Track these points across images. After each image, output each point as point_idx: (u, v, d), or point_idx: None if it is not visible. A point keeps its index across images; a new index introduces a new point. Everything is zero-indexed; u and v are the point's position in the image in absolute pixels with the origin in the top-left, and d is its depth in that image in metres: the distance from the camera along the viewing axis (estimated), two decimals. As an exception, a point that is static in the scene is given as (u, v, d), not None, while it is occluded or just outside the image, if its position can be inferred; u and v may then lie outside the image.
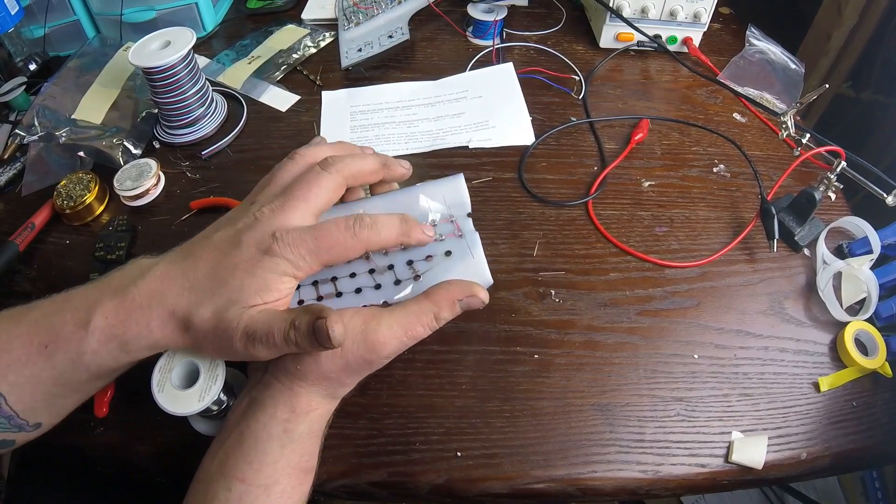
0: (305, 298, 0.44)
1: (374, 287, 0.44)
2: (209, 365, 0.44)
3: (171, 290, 0.39)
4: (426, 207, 0.46)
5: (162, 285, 0.39)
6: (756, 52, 0.80)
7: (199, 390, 0.43)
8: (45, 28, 0.82)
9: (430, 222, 0.45)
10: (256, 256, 0.38)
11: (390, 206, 0.45)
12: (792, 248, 0.61)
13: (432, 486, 0.46)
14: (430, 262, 0.45)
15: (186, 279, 0.39)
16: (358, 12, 0.86)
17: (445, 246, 0.45)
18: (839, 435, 0.49)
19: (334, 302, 0.44)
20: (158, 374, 0.43)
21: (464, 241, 0.45)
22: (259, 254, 0.38)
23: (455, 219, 0.46)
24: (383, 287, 0.44)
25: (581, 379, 0.51)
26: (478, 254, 0.45)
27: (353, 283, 0.44)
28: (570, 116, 0.75)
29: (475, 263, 0.45)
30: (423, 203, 0.46)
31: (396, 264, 0.44)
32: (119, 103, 0.73)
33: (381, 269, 0.44)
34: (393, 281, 0.44)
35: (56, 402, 0.41)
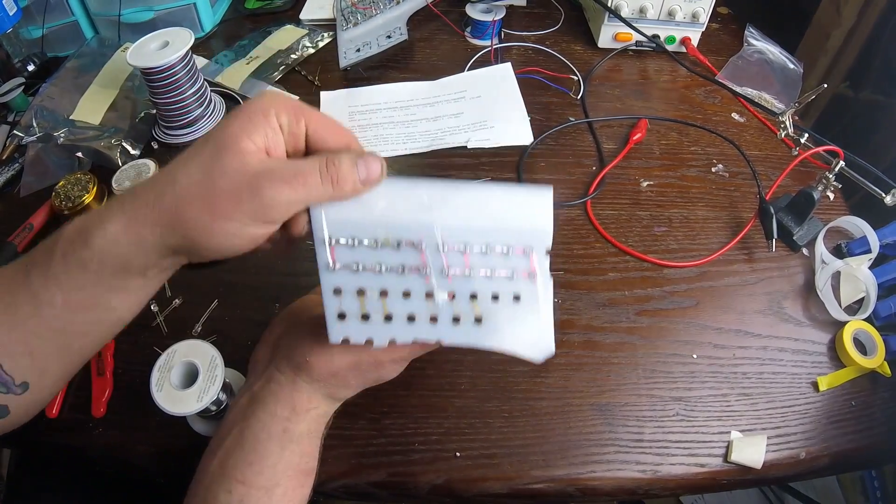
0: (348, 312, 0.38)
1: (429, 319, 0.38)
2: (208, 365, 0.44)
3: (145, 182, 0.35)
4: (502, 222, 0.38)
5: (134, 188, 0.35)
6: (754, 51, 0.80)
7: (198, 390, 0.43)
8: (44, 29, 0.82)
9: (503, 247, 0.38)
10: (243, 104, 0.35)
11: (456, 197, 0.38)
12: (790, 247, 0.61)
13: (432, 487, 0.46)
14: (496, 304, 0.38)
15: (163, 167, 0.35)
16: (356, 13, 0.86)
17: (514, 287, 0.38)
18: (838, 434, 0.49)
19: (382, 328, 0.38)
20: (157, 373, 0.43)
21: (535, 288, 0.38)
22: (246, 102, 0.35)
23: (533, 251, 0.38)
24: (440, 322, 0.38)
25: (580, 379, 0.51)
26: (547, 312, 0.38)
27: (407, 307, 0.38)
28: (568, 116, 0.75)
29: (542, 324, 0.38)
30: (497, 215, 0.38)
31: (458, 294, 0.38)
32: (117, 104, 0.73)
33: (441, 295, 0.38)
34: (451, 317, 0.38)
35: (38, 349, 0.37)
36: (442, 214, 0.38)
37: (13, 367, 0.37)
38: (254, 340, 0.53)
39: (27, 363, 0.38)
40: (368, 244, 0.38)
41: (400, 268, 0.38)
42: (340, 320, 0.38)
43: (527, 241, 0.38)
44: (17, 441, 0.53)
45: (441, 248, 0.38)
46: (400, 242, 0.38)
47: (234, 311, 0.56)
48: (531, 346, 0.39)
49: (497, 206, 0.38)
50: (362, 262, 0.38)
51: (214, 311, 0.56)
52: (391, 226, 0.37)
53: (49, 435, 0.49)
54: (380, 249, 0.38)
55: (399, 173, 0.69)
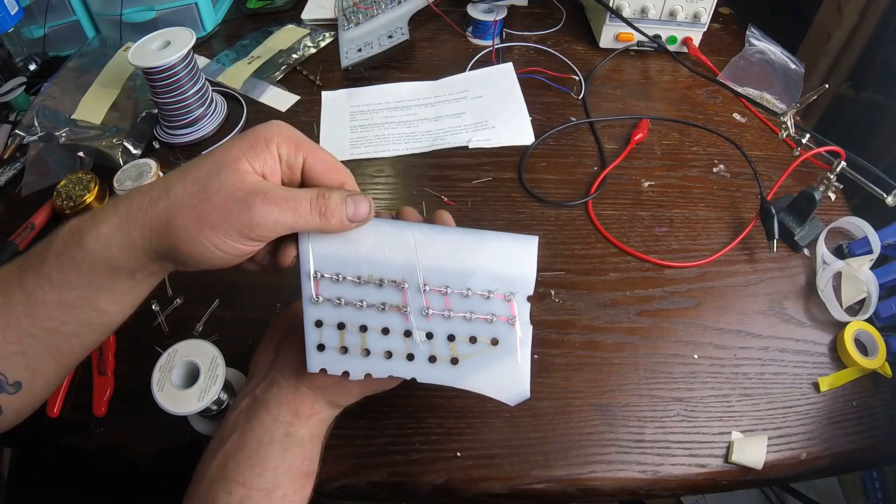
0: (327, 344, 0.39)
1: (405, 356, 0.40)
2: (209, 365, 0.44)
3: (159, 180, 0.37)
4: (485, 267, 0.40)
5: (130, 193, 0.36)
6: (756, 52, 0.80)
7: (199, 390, 0.43)
8: (45, 28, 0.82)
9: (484, 292, 0.40)
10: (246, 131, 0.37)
11: (440, 241, 0.40)
12: (792, 248, 0.61)
13: (432, 487, 0.46)
14: (473, 347, 0.40)
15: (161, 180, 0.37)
16: (358, 12, 0.86)
17: (493, 331, 0.40)
18: (839, 435, 0.49)
19: (359, 362, 0.40)
20: (158, 373, 0.43)
21: (514, 333, 0.40)
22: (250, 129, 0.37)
23: (514, 298, 0.40)
24: (416, 360, 0.40)
25: (581, 379, 0.51)
26: (524, 358, 0.40)
27: (385, 344, 0.40)
28: (569, 116, 0.75)
29: (517, 369, 0.40)
30: (481, 260, 0.40)
31: (436, 334, 0.40)
32: (119, 103, 0.73)
33: (418, 332, 0.40)
34: (428, 356, 0.40)
35: (31, 349, 0.37)
36: (426, 255, 0.39)
37: (6, 367, 0.38)
38: (255, 340, 0.54)
39: (21, 363, 0.38)
40: (352, 280, 0.39)
41: (381, 305, 0.39)
42: (319, 351, 0.39)
43: (509, 288, 0.40)
44: (17, 440, 0.53)
45: (422, 289, 0.39)
46: (383, 281, 0.39)
47: (236, 311, 0.56)
48: (506, 390, 0.40)
49: (482, 252, 0.40)
50: (345, 297, 0.39)
51: (215, 311, 0.56)
52: (376, 264, 0.39)
53: (50, 434, 0.49)
54: (363, 286, 0.39)
55: (400, 173, 0.69)
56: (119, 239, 0.35)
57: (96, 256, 0.35)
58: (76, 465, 0.60)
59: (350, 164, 0.70)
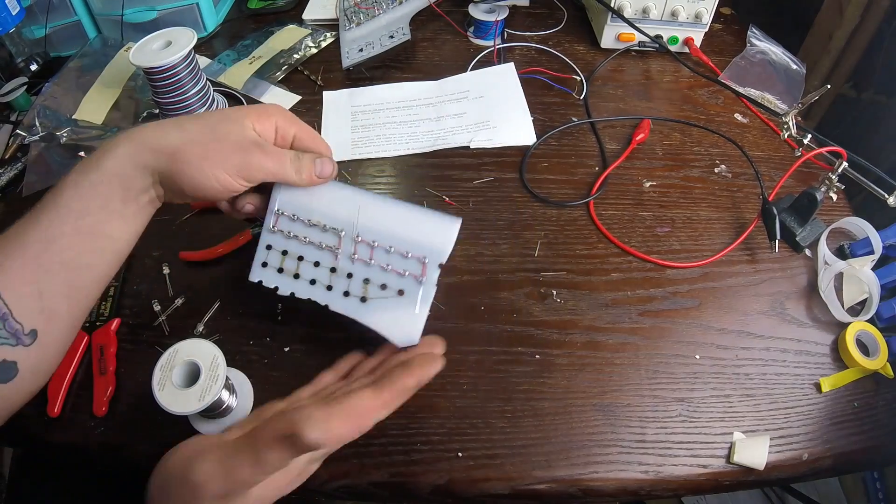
0: (269, 263, 0.50)
1: (325, 287, 0.49)
2: (210, 364, 0.44)
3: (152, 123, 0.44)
4: (410, 233, 0.48)
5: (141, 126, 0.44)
6: (757, 52, 0.80)
7: (200, 390, 0.43)
8: (47, 28, 0.82)
9: (404, 252, 0.48)
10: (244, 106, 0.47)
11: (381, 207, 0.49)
12: (793, 248, 0.61)
13: (434, 487, 0.46)
14: (382, 292, 0.48)
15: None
16: (359, 12, 0.86)
17: (402, 284, 0.48)
18: (841, 436, 0.49)
19: (289, 281, 0.49)
20: (159, 372, 0.43)
21: (418, 289, 0.47)
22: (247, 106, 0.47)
23: (427, 262, 0.48)
24: (333, 291, 0.49)
25: (582, 379, 0.51)
26: (422, 311, 0.47)
27: (313, 273, 0.49)
28: (571, 117, 0.75)
29: (414, 318, 0.47)
30: (409, 228, 0.48)
31: (355, 274, 0.49)
32: (120, 103, 0.73)
33: (342, 271, 0.49)
34: (343, 291, 0.48)
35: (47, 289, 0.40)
36: (366, 215, 0.49)
37: (22, 313, 0.39)
38: (255, 341, 0.54)
39: (36, 306, 0.40)
40: (304, 221, 0.50)
41: (319, 244, 0.49)
42: (262, 267, 0.50)
43: (425, 253, 0.48)
44: (18, 440, 0.53)
45: (355, 239, 0.49)
46: (326, 226, 0.49)
47: (237, 312, 0.56)
48: (398, 333, 0.47)
49: (413, 221, 0.49)
50: (294, 231, 0.50)
51: (216, 312, 0.56)
52: (325, 214, 0.49)
53: (51, 434, 0.49)
54: (310, 227, 0.50)
55: (402, 173, 0.69)
56: (134, 160, 0.41)
57: (113, 176, 0.41)
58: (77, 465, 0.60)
59: (352, 164, 0.70)
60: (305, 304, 0.54)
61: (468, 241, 0.61)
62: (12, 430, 0.50)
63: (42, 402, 0.49)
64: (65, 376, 0.51)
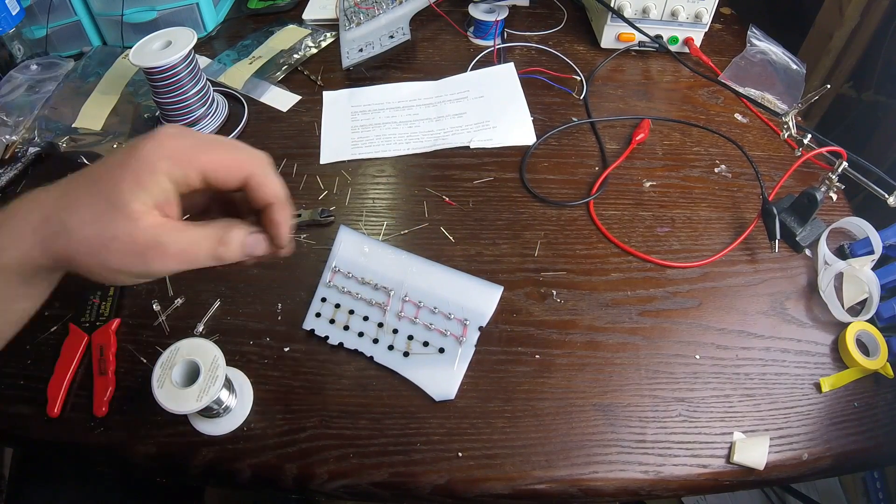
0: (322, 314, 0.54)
1: (372, 340, 0.52)
2: (210, 364, 0.44)
3: (49, 196, 0.35)
4: (455, 296, 0.54)
5: (42, 193, 0.36)
6: (757, 52, 0.80)
7: (199, 389, 0.43)
8: (47, 28, 0.82)
9: (447, 313, 0.53)
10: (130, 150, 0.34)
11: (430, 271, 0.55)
12: (793, 248, 0.61)
13: (434, 487, 0.46)
14: (425, 349, 0.52)
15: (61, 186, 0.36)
16: (359, 12, 0.86)
17: (443, 342, 0.52)
18: (841, 435, 0.49)
19: (339, 332, 0.53)
20: (159, 369, 0.44)
21: (458, 349, 0.52)
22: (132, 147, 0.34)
23: (468, 323, 0.53)
24: (379, 344, 0.52)
25: (582, 379, 0.51)
26: (459, 369, 0.51)
27: (361, 326, 0.53)
28: (571, 117, 0.75)
29: (451, 375, 0.50)
30: (454, 291, 0.55)
31: (400, 330, 0.53)
32: (118, 109, 0.74)
33: (388, 326, 0.53)
34: (388, 345, 0.52)
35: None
36: (416, 278, 0.55)
37: None
38: (255, 341, 0.54)
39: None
40: (357, 279, 0.56)
41: (370, 300, 0.54)
42: (315, 317, 0.54)
43: (468, 315, 0.53)
44: (18, 440, 0.53)
45: (403, 298, 0.54)
46: (377, 285, 0.55)
47: (237, 312, 0.56)
48: (436, 388, 0.50)
49: (459, 286, 0.55)
50: (347, 287, 0.55)
51: (216, 312, 0.56)
52: (377, 273, 0.56)
53: (51, 434, 0.49)
54: (363, 285, 0.56)
55: (402, 173, 0.69)
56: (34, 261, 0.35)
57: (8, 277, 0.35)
58: (77, 465, 0.60)
59: (352, 163, 0.70)
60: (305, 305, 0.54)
61: (468, 240, 0.61)
62: (12, 430, 0.50)
63: (42, 403, 0.49)
64: (65, 376, 0.51)
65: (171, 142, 0.35)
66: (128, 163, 0.34)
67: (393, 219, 0.63)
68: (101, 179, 0.34)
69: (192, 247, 0.35)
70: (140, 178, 0.34)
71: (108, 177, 0.34)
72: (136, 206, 0.33)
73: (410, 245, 0.61)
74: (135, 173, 0.34)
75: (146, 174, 0.34)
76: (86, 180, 0.35)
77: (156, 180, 0.34)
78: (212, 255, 0.36)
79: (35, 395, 0.50)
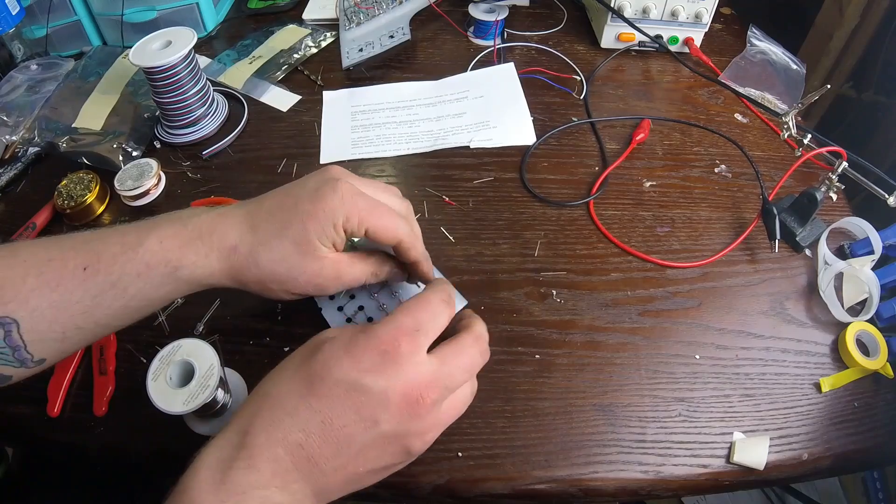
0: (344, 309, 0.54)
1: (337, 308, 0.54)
2: (205, 371, 0.44)
3: (234, 227, 0.42)
4: None
5: (225, 221, 0.42)
6: (757, 52, 0.80)
7: (188, 394, 0.43)
8: (47, 28, 0.82)
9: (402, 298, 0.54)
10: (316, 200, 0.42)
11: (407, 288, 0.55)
12: (793, 248, 0.61)
13: (434, 487, 0.46)
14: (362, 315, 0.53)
15: (251, 218, 0.43)
16: (359, 12, 0.86)
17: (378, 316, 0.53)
18: (841, 435, 0.49)
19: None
20: (157, 363, 0.44)
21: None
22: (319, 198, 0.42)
23: None
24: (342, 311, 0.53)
25: (582, 379, 0.51)
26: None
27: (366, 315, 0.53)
28: (571, 116, 0.75)
29: None
30: None
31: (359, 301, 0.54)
32: (118, 109, 0.73)
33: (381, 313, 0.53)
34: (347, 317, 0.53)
35: (72, 335, 0.40)
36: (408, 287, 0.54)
37: (37, 348, 0.39)
38: (255, 341, 0.54)
39: (56, 347, 0.40)
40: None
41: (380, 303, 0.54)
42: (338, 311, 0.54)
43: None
44: (19, 440, 0.53)
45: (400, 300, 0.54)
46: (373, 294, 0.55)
47: (237, 312, 0.56)
48: None
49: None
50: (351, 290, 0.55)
51: (216, 311, 0.56)
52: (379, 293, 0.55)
53: (51, 434, 0.49)
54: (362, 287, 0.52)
55: (402, 173, 0.69)
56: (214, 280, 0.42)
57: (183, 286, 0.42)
58: (77, 465, 0.60)
59: (351, 163, 0.70)
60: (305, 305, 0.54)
61: (468, 240, 0.61)
62: (12, 429, 0.50)
63: (42, 402, 0.49)
64: (65, 376, 0.51)
65: (350, 200, 0.42)
66: (316, 214, 0.41)
67: (393, 219, 0.63)
68: (292, 225, 0.42)
69: (358, 277, 0.45)
70: (325, 228, 0.42)
71: (299, 223, 0.42)
72: (320, 249, 0.42)
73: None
74: (321, 225, 0.42)
75: (329, 226, 0.42)
76: (274, 222, 0.42)
77: (337, 231, 0.42)
78: (367, 282, 0.46)
79: (35, 395, 0.50)
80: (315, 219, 0.41)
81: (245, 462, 0.33)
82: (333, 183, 0.42)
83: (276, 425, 0.34)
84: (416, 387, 0.36)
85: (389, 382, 0.36)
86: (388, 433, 0.36)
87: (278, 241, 0.42)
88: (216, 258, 0.41)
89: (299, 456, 0.34)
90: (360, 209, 0.42)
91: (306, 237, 0.41)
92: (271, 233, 0.42)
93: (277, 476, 0.33)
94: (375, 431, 0.36)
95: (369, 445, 0.36)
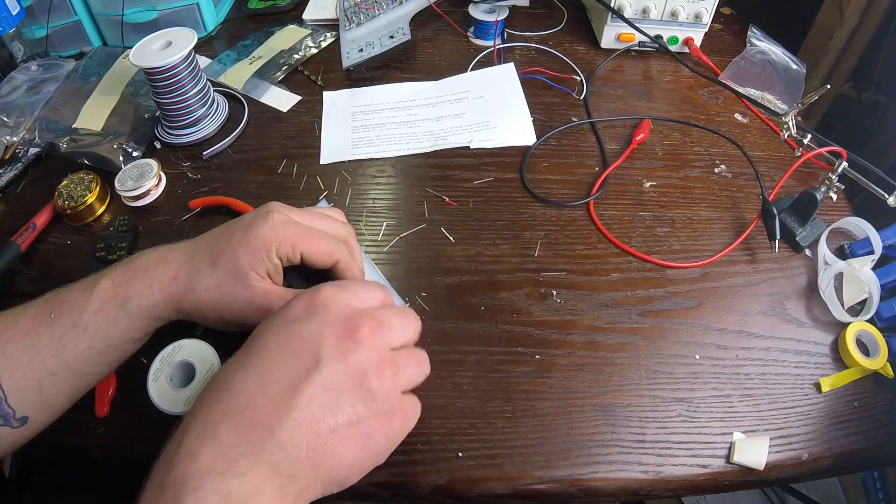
0: None
1: None
2: (205, 374, 0.44)
3: (175, 259, 0.44)
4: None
5: (168, 254, 0.44)
6: (757, 52, 0.80)
7: (188, 395, 0.43)
8: (48, 28, 0.82)
9: None
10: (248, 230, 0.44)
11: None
12: (793, 248, 0.61)
13: (434, 487, 0.46)
14: None
15: (191, 250, 0.44)
16: (359, 13, 0.86)
17: None
18: (841, 435, 0.49)
19: None
20: (158, 363, 0.44)
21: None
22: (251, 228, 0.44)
23: None
24: None
25: (582, 379, 0.51)
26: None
27: None
28: (571, 117, 0.75)
29: None
30: None
31: None
32: (118, 109, 0.73)
33: None
34: None
35: (48, 385, 0.41)
36: None
37: (18, 402, 0.40)
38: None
39: (35, 398, 0.41)
40: None
41: None
42: None
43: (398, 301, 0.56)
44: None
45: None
46: None
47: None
48: None
49: None
50: None
51: (217, 311, 0.56)
52: None
53: (52, 434, 0.49)
54: None
55: (402, 173, 0.69)
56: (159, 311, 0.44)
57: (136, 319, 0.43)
58: (78, 465, 0.60)
59: (352, 164, 0.70)
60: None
61: (468, 240, 0.61)
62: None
63: (43, 403, 0.49)
64: (65, 376, 0.51)
65: (281, 228, 0.44)
66: (248, 242, 0.43)
67: (393, 219, 0.63)
68: (224, 254, 0.43)
69: None
70: (258, 256, 0.43)
71: (231, 252, 0.43)
72: (253, 278, 0.43)
73: (410, 245, 0.61)
74: (253, 252, 0.43)
75: (261, 253, 0.43)
76: (210, 252, 0.44)
77: (269, 258, 0.43)
78: None
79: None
80: (247, 246, 0.43)
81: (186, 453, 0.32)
82: (266, 214, 0.44)
83: (214, 405, 0.34)
84: (349, 318, 0.37)
85: (321, 323, 0.36)
86: (335, 371, 0.35)
87: (212, 270, 0.43)
88: (158, 288, 0.43)
89: (243, 424, 0.32)
90: (291, 235, 0.44)
91: (238, 264, 0.43)
92: (207, 261, 0.43)
93: (219, 457, 0.31)
94: (320, 371, 0.34)
95: (319, 389, 0.34)
